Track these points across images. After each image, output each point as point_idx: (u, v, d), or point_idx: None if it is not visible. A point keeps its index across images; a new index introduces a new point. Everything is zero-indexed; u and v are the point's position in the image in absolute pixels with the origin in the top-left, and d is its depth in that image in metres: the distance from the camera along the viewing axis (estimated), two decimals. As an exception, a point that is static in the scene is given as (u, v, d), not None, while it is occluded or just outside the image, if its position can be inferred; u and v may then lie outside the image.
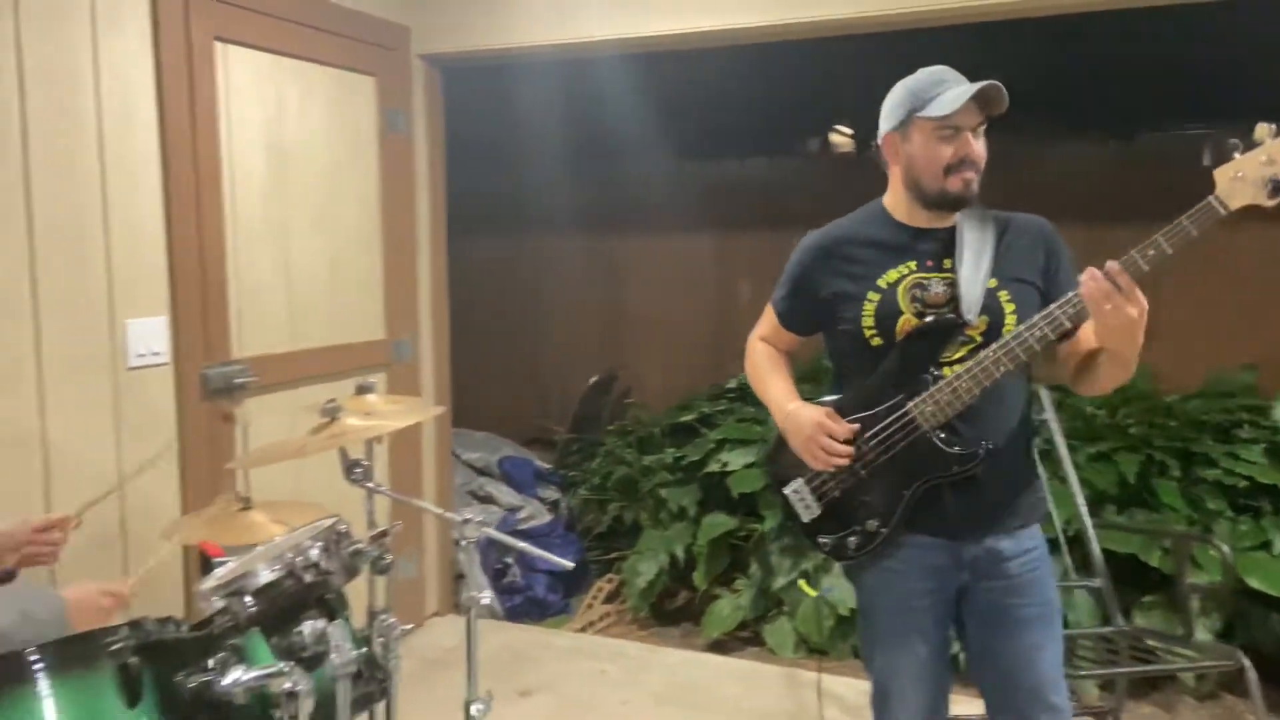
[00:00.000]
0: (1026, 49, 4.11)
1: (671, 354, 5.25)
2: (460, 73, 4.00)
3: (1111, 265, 1.65)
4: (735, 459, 4.01)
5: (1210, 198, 1.65)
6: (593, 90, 4.53)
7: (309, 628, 1.38)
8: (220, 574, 1.64)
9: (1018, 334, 1.77)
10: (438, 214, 3.90)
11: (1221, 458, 3.47)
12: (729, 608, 3.86)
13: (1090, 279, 1.65)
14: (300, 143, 3.24)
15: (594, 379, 5.09)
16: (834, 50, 3.61)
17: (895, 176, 1.94)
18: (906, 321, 1.86)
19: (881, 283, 1.89)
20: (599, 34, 3.50)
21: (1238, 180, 1.61)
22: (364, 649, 1.58)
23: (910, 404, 1.84)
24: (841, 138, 5.50)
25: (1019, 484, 1.93)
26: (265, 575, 1.54)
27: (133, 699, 1.24)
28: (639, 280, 5.55)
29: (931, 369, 1.84)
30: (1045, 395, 3.16)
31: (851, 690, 3.33)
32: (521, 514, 4.40)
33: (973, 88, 1.79)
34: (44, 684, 1.19)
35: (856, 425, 1.89)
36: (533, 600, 4.18)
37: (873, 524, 1.92)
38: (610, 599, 4.28)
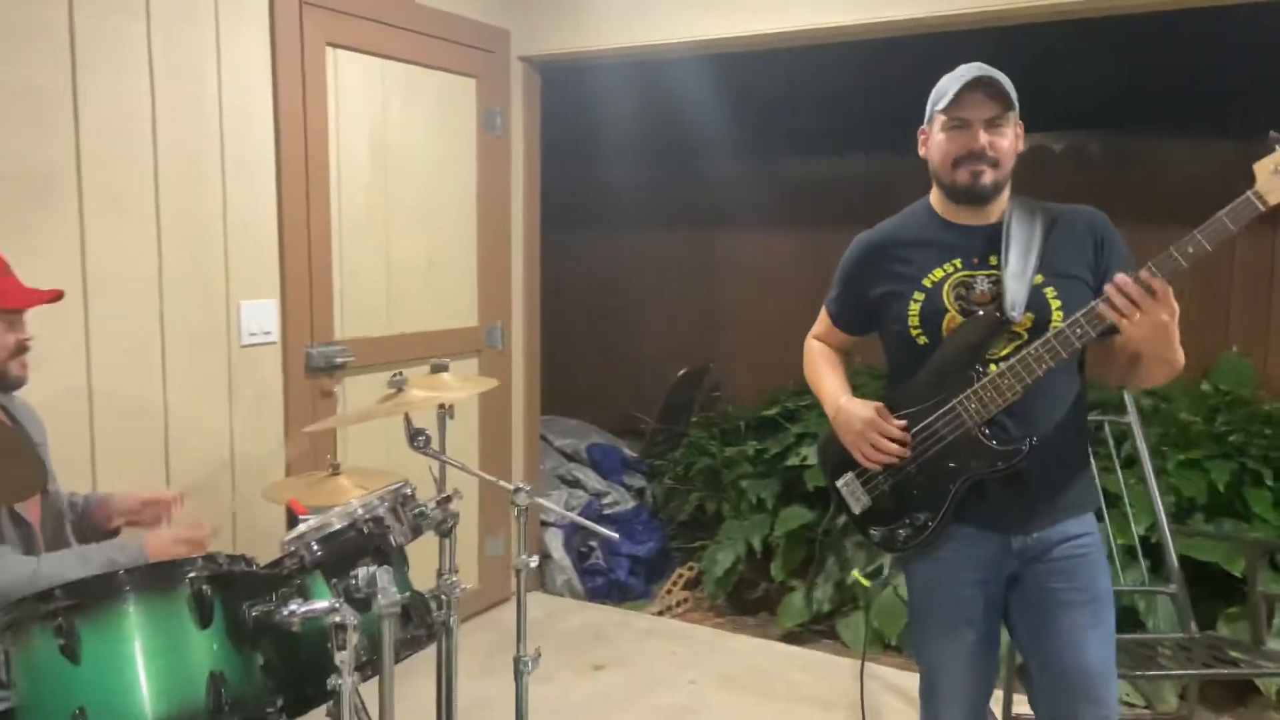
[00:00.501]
0: (1144, 47, 4.02)
1: (762, 350, 5.30)
2: (559, 74, 4.17)
3: (1144, 273, 1.66)
4: (815, 454, 4.06)
5: (1249, 193, 1.65)
6: (690, 89, 4.64)
7: (363, 572, 1.54)
8: (300, 528, 1.83)
9: (1059, 330, 1.78)
10: (531, 209, 4.09)
11: (1321, 469, 3.35)
12: (803, 599, 3.92)
13: (1121, 286, 1.67)
14: (403, 140, 3.47)
15: (682, 371, 5.20)
16: (933, 47, 3.63)
17: (932, 171, 1.97)
18: (952, 319, 1.89)
19: (926, 281, 1.92)
20: (697, 35, 3.61)
21: (1277, 175, 1.61)
22: (408, 594, 1.73)
23: (955, 400, 1.87)
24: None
25: (1067, 475, 1.93)
26: (331, 527, 1.72)
27: (204, 621, 1.43)
28: (733, 277, 5.63)
29: (977, 366, 1.86)
30: (1130, 400, 3.11)
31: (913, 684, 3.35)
32: (606, 499, 4.56)
33: (963, 80, 1.83)
34: (131, 602, 1.39)
35: (904, 423, 1.92)
36: (614, 583, 4.33)
37: (921, 517, 1.95)
38: (689, 586, 4.39)
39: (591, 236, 5.92)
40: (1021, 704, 2.38)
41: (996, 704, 2.51)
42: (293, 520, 2.11)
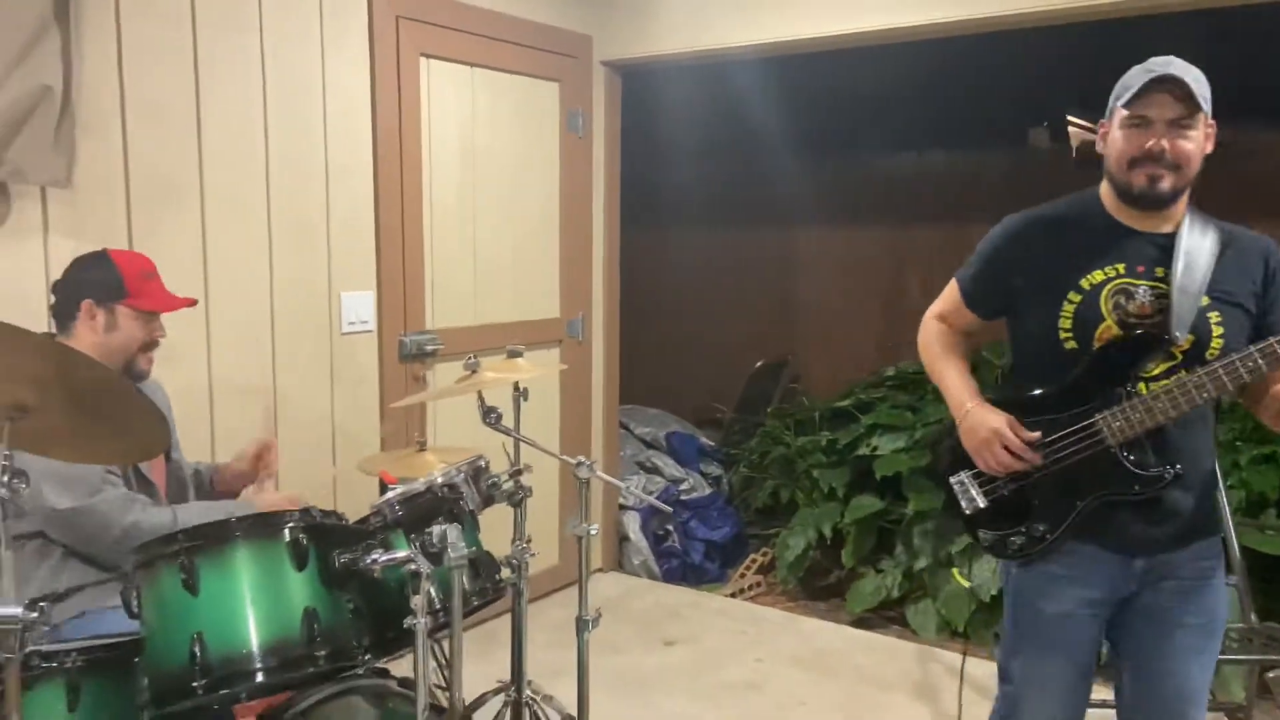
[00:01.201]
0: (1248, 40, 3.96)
1: (840, 344, 5.41)
2: (640, 76, 4.36)
3: None
4: (885, 444, 4.16)
5: None
6: (768, 89, 4.77)
7: (436, 530, 1.75)
8: (388, 495, 2.06)
9: (1230, 361, 1.68)
10: (612, 206, 4.28)
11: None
12: (872, 586, 4.02)
13: None
14: (490, 142, 3.71)
15: (760, 363, 5.33)
16: (1013, 43, 3.68)
17: (1106, 168, 1.85)
18: (1108, 329, 1.77)
19: (1085, 283, 1.79)
20: (768, 38, 3.76)
21: None
22: (475, 549, 1.94)
23: (1099, 416, 1.77)
24: (1074, 128, 5.38)
25: (1199, 502, 1.82)
26: (413, 491, 1.95)
27: (300, 564, 1.66)
28: (811, 271, 5.73)
29: (1128, 385, 1.76)
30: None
31: (983, 672, 3.43)
32: (683, 486, 4.72)
33: (1149, 77, 1.71)
34: (241, 545, 1.63)
35: (1038, 434, 1.82)
36: (689, 566, 4.49)
37: (1039, 529, 1.85)
38: (763, 571, 4.53)
39: (675, 233, 6.10)
40: None
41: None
42: (383, 489, 2.35)
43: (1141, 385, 1.77)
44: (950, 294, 2.03)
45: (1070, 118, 5.34)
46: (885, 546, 4.15)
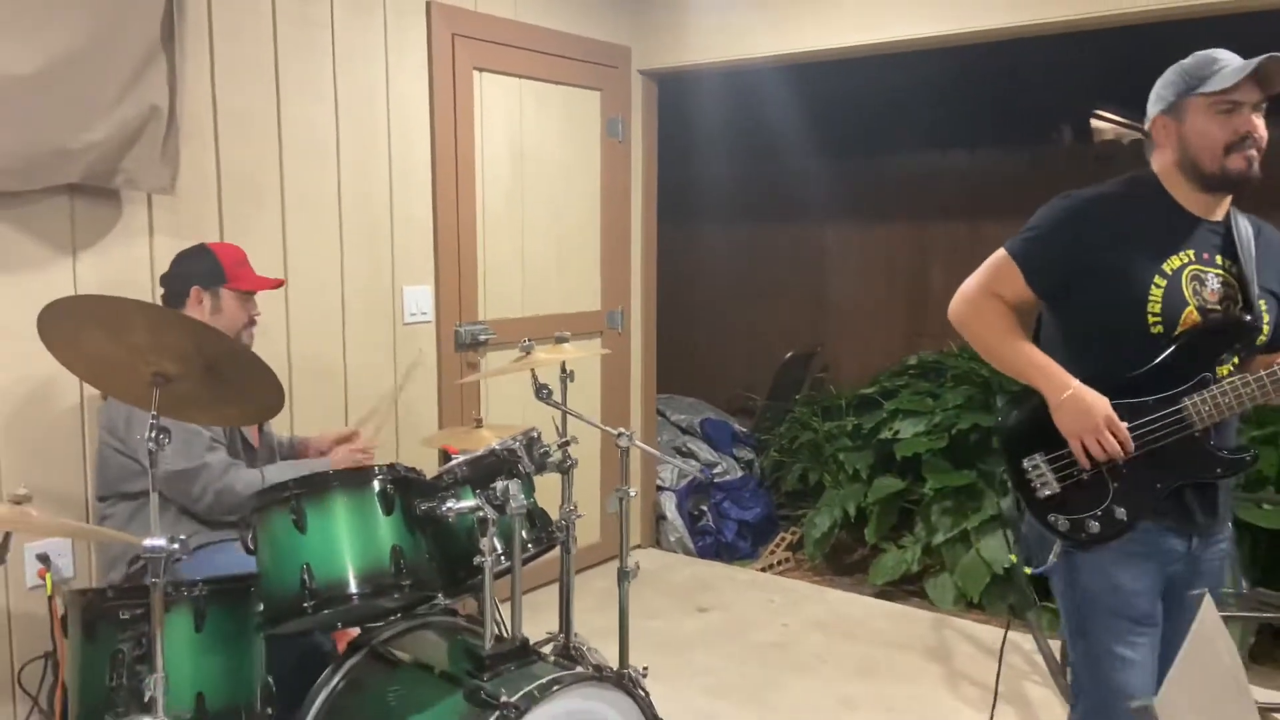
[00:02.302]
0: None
1: (868, 335, 5.67)
2: (685, 83, 4.64)
3: None
4: (906, 427, 4.42)
5: None
6: (802, 94, 5.05)
7: (499, 485, 2.06)
8: (454, 460, 2.37)
9: None
10: (650, 206, 4.58)
11: (1391, 445, 3.49)
12: (893, 560, 4.28)
13: None
14: (536, 147, 4.02)
15: (790, 354, 5.61)
16: (1031, 49, 3.90)
17: (1165, 160, 1.85)
18: (1190, 314, 1.78)
19: (1167, 267, 1.79)
20: (797, 47, 4.03)
21: None
22: (532, 501, 2.25)
23: (1188, 401, 1.79)
24: (1103, 123, 5.57)
25: (1229, 485, 1.93)
26: (477, 454, 2.26)
27: (388, 509, 1.98)
28: (840, 267, 6.00)
29: (1212, 371, 1.80)
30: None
31: (991, 636, 3.69)
32: (717, 469, 5.01)
33: (1253, 61, 1.73)
34: (339, 492, 1.96)
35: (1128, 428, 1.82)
36: (722, 543, 4.78)
37: (1119, 512, 1.84)
38: (791, 549, 4.81)
39: (712, 231, 6.40)
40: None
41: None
42: (446, 459, 2.67)
43: (1220, 370, 1.80)
44: (1004, 268, 1.91)
45: (1100, 112, 5.55)
46: (906, 524, 4.41)
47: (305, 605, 1.89)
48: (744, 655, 3.57)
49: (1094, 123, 5.61)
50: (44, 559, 2.62)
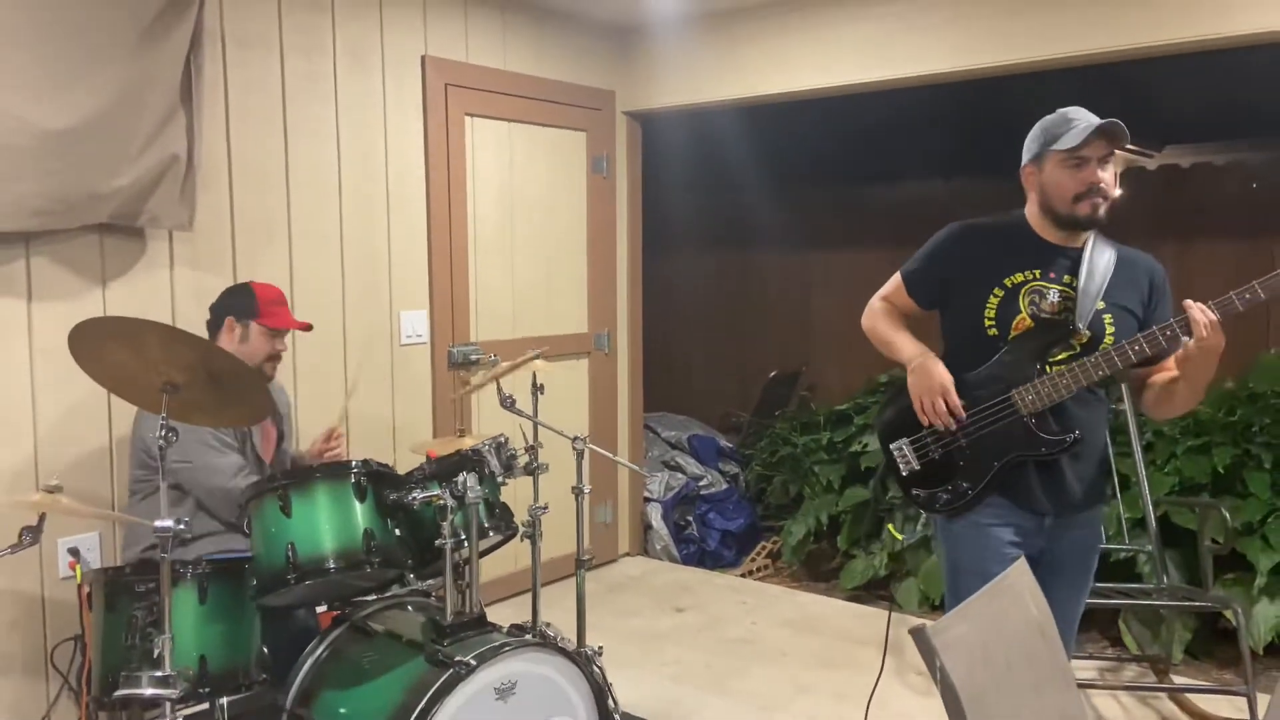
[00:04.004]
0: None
1: (849, 355, 5.94)
2: (665, 120, 4.99)
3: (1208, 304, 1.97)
4: (874, 441, 4.70)
5: None
6: (787, 126, 5.38)
7: (461, 478, 2.39)
8: (422, 463, 2.71)
9: (1119, 345, 2.08)
10: (634, 235, 4.93)
11: (1313, 452, 3.74)
12: (862, 565, 4.56)
13: (1199, 309, 1.96)
14: (525, 184, 4.39)
15: (773, 374, 5.91)
16: (999, 84, 4.20)
17: (1032, 201, 2.22)
18: (1022, 320, 2.16)
19: (1007, 282, 2.17)
20: (771, 89, 4.37)
21: None
22: (489, 490, 2.58)
23: (1015, 391, 2.15)
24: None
25: (1092, 471, 2.23)
26: (444, 454, 2.60)
27: (361, 497, 2.33)
28: (823, 291, 6.31)
29: (1039, 365, 2.15)
30: (1126, 391, 3.64)
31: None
32: (703, 482, 5.32)
33: (1095, 123, 2.05)
34: (320, 483, 2.31)
35: (963, 402, 2.20)
36: (706, 551, 5.08)
37: (964, 485, 2.21)
38: (772, 557, 5.09)
39: (702, 258, 6.74)
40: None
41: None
42: (429, 460, 3.00)
43: (1049, 368, 2.15)
44: (895, 284, 2.40)
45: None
46: (877, 532, 4.68)
47: (289, 578, 2.23)
48: (712, 648, 3.86)
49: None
50: (74, 552, 2.99)
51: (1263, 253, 4.72)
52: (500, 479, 2.71)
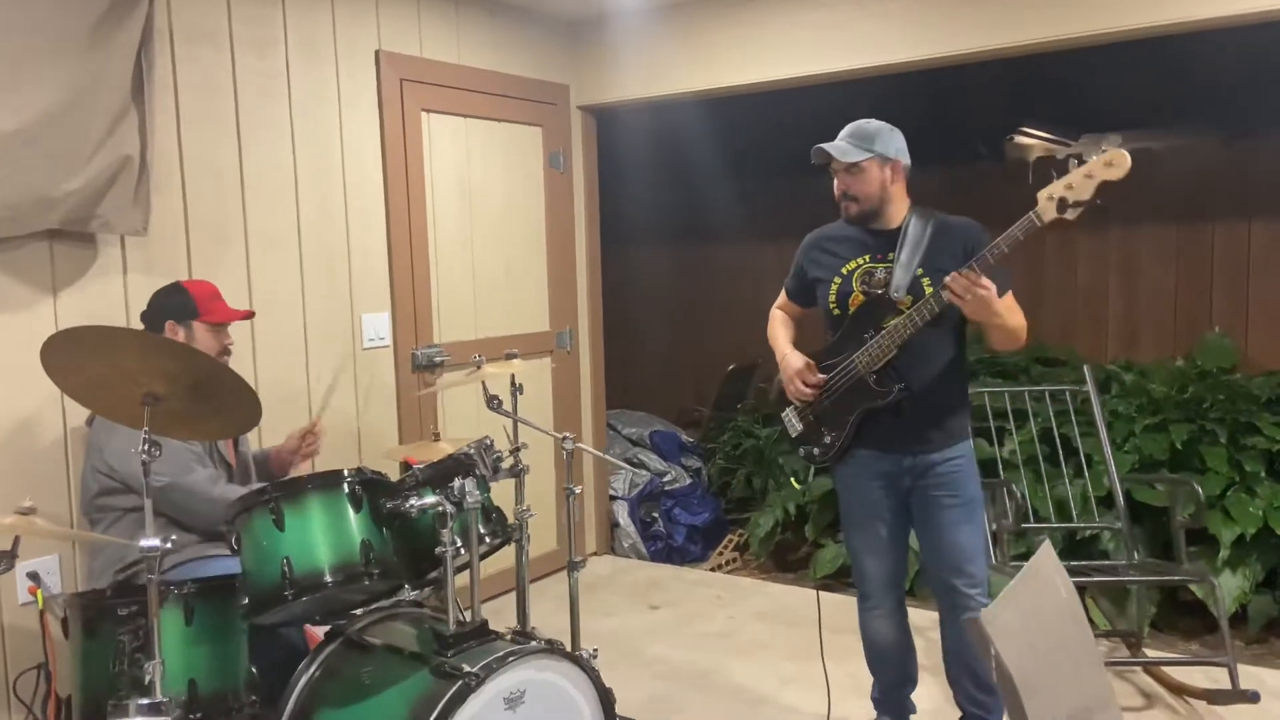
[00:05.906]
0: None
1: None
2: (620, 115, 4.95)
3: (966, 269, 2.35)
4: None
5: (1031, 213, 2.31)
6: (737, 119, 5.38)
7: (457, 483, 2.32)
8: (414, 469, 2.63)
9: (916, 304, 2.48)
10: (593, 232, 4.88)
11: (1266, 427, 3.87)
12: (831, 554, 4.58)
13: (952, 280, 2.35)
14: (483, 181, 4.30)
15: (731, 367, 5.91)
16: (953, 76, 4.26)
17: None
18: (856, 298, 2.62)
19: (844, 270, 2.65)
20: (727, 81, 4.37)
21: (1050, 200, 2.26)
22: (487, 497, 2.51)
23: (853, 356, 2.59)
24: (1029, 139, 5.94)
25: (943, 413, 2.61)
26: (436, 459, 2.52)
27: (357, 508, 2.24)
28: (775, 283, 6.31)
29: (869, 332, 2.56)
30: (1089, 374, 3.72)
31: (918, 618, 3.99)
32: (667, 478, 5.29)
33: (812, 151, 2.61)
34: (314, 493, 2.21)
35: (824, 377, 2.66)
36: (673, 548, 5.06)
37: (830, 437, 2.70)
38: (739, 550, 5.10)
39: (656, 254, 6.71)
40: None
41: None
42: (407, 469, 2.92)
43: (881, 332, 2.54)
44: (782, 294, 2.93)
45: (1025, 128, 5.95)
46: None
47: (286, 594, 2.13)
48: (691, 644, 3.84)
49: (1019, 139, 5.99)
50: (34, 576, 2.79)
51: (1202, 233, 4.87)
52: (489, 482, 2.65)
